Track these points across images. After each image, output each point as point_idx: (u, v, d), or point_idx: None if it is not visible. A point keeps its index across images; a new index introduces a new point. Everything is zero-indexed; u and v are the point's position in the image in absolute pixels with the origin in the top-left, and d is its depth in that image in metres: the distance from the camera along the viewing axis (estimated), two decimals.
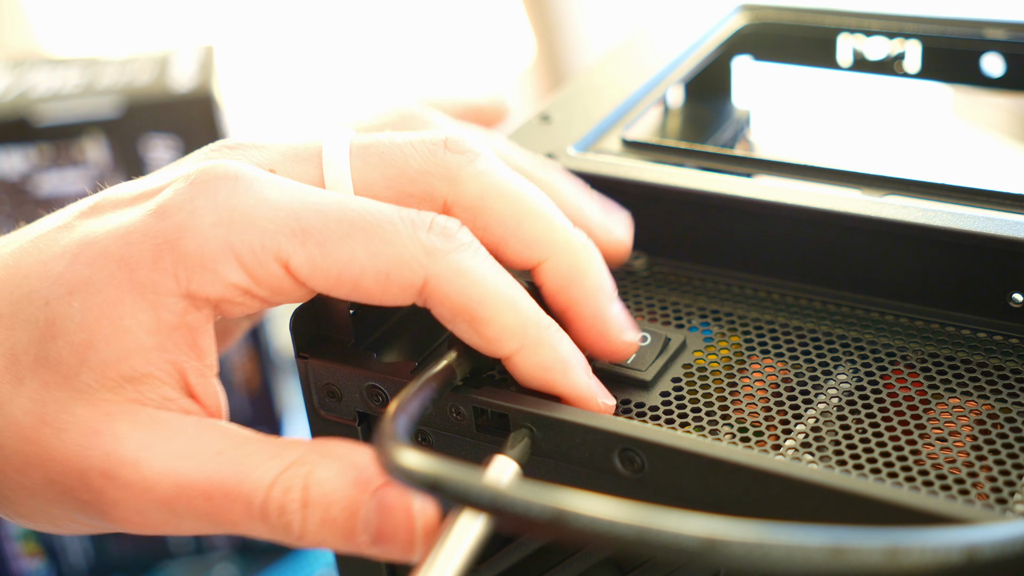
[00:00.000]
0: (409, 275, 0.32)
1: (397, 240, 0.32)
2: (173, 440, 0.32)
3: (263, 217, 0.32)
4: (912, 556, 0.25)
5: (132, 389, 0.32)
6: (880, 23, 0.50)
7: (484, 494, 0.27)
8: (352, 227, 0.31)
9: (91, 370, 0.32)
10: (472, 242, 0.32)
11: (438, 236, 0.32)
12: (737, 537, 0.25)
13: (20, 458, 0.33)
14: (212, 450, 0.32)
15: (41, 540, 0.80)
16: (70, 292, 0.32)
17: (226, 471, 0.32)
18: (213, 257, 0.31)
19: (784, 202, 0.38)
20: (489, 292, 0.32)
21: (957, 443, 0.32)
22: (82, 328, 0.32)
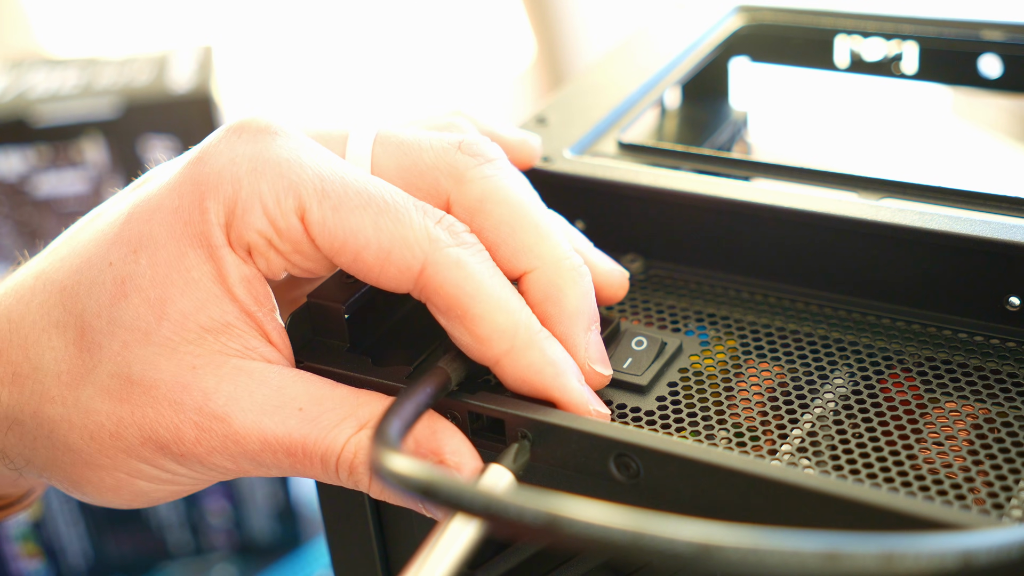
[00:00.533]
0: (409, 257, 0.32)
1: (406, 222, 0.33)
2: (258, 393, 0.33)
3: (292, 171, 0.33)
4: (907, 562, 0.25)
5: (213, 339, 0.33)
6: (877, 24, 0.50)
7: (477, 499, 0.27)
8: (368, 200, 0.33)
9: (171, 323, 0.33)
10: (476, 243, 0.33)
11: (445, 230, 0.33)
12: (731, 542, 0.25)
13: (114, 420, 0.33)
14: (295, 405, 0.33)
15: (41, 540, 0.80)
16: (134, 250, 0.33)
17: (306, 429, 0.33)
18: (245, 203, 0.33)
19: (780, 205, 0.38)
20: (484, 289, 0.33)
21: (954, 448, 0.32)
22: (154, 284, 0.33)
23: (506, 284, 0.33)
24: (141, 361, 0.33)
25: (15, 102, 0.72)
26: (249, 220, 0.33)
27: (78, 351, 0.34)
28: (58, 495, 0.79)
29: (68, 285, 0.34)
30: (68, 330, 0.34)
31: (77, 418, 0.34)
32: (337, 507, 0.38)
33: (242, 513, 0.82)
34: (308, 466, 0.33)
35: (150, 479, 0.35)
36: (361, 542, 0.39)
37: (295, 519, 0.83)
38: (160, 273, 0.33)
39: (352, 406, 0.33)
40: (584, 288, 0.34)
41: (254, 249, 0.33)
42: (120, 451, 0.34)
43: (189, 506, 0.81)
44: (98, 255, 0.34)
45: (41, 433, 0.34)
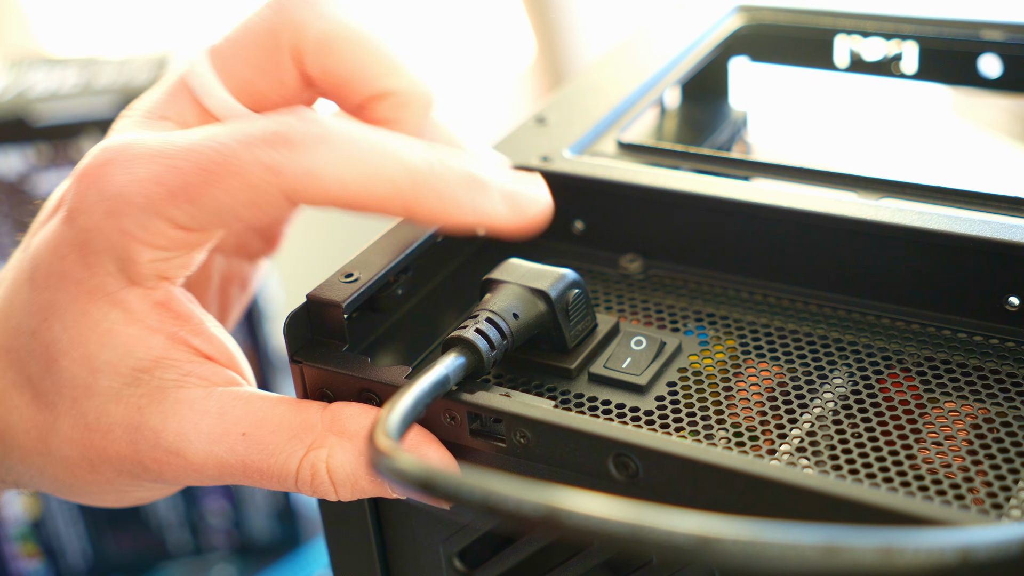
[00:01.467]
0: (268, 197, 0.32)
1: (243, 169, 0.32)
2: (202, 423, 0.34)
3: (137, 194, 0.33)
4: (906, 556, 0.24)
5: (149, 377, 0.34)
6: (877, 24, 0.50)
7: (476, 492, 0.27)
8: (205, 173, 0.32)
9: (105, 375, 0.34)
10: (312, 137, 0.32)
11: (277, 148, 0.32)
12: (731, 535, 0.25)
13: (87, 463, 0.35)
14: (238, 431, 0.34)
15: (40, 540, 0.80)
16: (46, 318, 0.34)
17: (254, 455, 0.34)
18: (121, 247, 0.33)
19: (780, 205, 0.38)
20: (346, 181, 0.32)
21: (953, 447, 0.32)
22: (74, 345, 0.34)
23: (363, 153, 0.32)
24: (94, 410, 0.34)
25: (15, 101, 0.72)
26: (135, 257, 0.33)
27: (37, 409, 0.35)
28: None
29: (11, 348, 0.35)
30: (24, 391, 0.35)
31: (58, 465, 0.35)
32: (337, 507, 0.38)
33: (242, 513, 0.82)
34: (267, 484, 0.34)
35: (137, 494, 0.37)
36: (360, 542, 0.39)
37: (295, 519, 0.83)
38: (75, 334, 0.34)
39: (293, 426, 0.34)
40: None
41: (160, 272, 0.34)
42: (101, 483, 0.36)
43: (189, 506, 0.81)
44: (22, 323, 0.35)
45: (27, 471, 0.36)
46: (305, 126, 0.32)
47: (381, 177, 0.32)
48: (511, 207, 0.33)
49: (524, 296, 0.36)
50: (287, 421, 0.34)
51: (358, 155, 0.32)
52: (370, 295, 0.36)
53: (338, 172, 0.32)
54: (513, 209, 0.33)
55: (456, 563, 0.37)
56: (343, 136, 0.32)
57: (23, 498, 0.79)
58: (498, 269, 0.37)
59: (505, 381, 0.36)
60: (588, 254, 0.42)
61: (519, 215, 0.33)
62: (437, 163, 0.32)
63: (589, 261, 0.42)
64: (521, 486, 0.27)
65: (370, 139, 0.32)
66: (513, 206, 0.33)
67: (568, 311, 0.36)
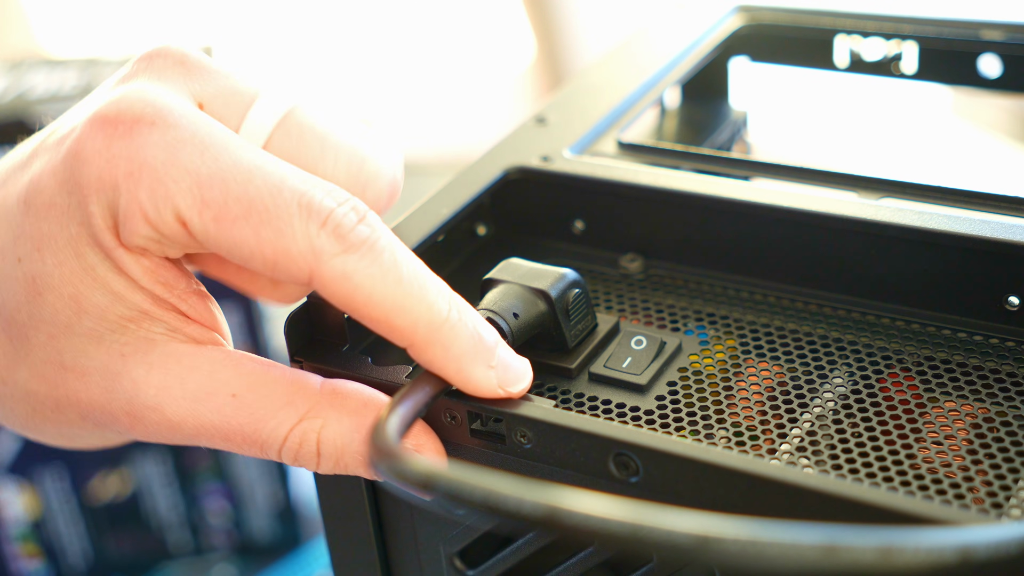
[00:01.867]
0: (295, 270, 0.32)
1: (288, 232, 0.31)
2: (189, 380, 0.33)
3: (170, 177, 0.32)
4: (906, 555, 0.25)
5: (136, 327, 0.33)
6: (877, 24, 0.50)
7: (477, 492, 0.27)
8: (249, 209, 0.31)
9: (90, 317, 0.33)
10: (364, 242, 0.32)
11: (330, 235, 0.31)
12: (731, 534, 0.25)
13: (52, 401, 0.34)
14: (227, 391, 0.33)
15: (40, 540, 0.80)
16: (38, 248, 0.33)
17: (242, 418, 0.33)
18: (126, 211, 0.32)
19: (780, 205, 0.38)
20: (374, 298, 0.32)
21: (953, 447, 0.32)
22: (64, 282, 0.33)
23: (400, 281, 0.32)
24: (71, 349, 0.33)
25: (15, 102, 0.72)
26: (132, 228, 0.32)
27: (8, 340, 0.34)
28: (58, 496, 0.79)
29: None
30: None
31: (20, 398, 0.35)
32: (337, 507, 0.38)
33: (242, 513, 0.82)
34: (246, 450, 0.33)
35: (90, 441, 0.36)
36: (361, 542, 0.39)
37: (295, 519, 0.83)
38: (67, 272, 0.33)
39: (288, 393, 0.33)
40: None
41: (146, 249, 0.33)
42: (63, 423, 0.35)
43: (189, 506, 0.81)
44: (7, 248, 0.34)
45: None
46: (362, 226, 0.32)
47: (405, 310, 0.32)
48: (499, 381, 0.33)
49: (524, 296, 0.36)
50: (282, 387, 0.33)
51: (395, 282, 0.32)
52: None
53: (372, 290, 0.31)
54: (500, 382, 0.33)
55: (456, 563, 0.38)
56: (390, 255, 0.32)
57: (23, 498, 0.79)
58: (498, 269, 0.37)
59: None
60: (588, 254, 0.42)
61: (501, 390, 0.33)
62: (455, 317, 0.32)
63: (589, 261, 0.42)
64: (521, 485, 0.27)
65: (410, 268, 0.32)
66: (501, 379, 0.33)
67: (568, 311, 0.36)
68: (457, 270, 0.41)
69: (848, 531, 0.25)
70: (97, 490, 0.80)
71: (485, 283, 0.37)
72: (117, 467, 0.80)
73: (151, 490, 0.81)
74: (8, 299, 0.34)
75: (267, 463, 0.81)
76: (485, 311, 0.35)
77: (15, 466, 0.78)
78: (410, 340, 0.32)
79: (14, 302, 0.34)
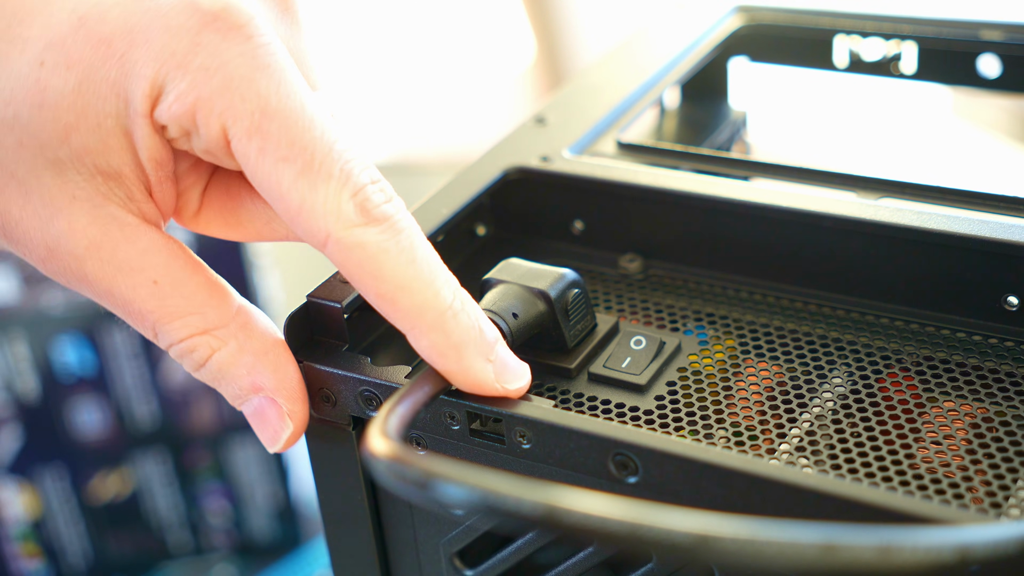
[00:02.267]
0: (314, 227, 0.32)
1: (322, 190, 0.32)
2: (121, 250, 0.33)
3: (239, 92, 0.31)
4: (905, 554, 0.25)
5: (103, 182, 0.33)
6: (876, 24, 0.50)
7: (476, 492, 0.27)
8: (297, 155, 0.32)
9: (69, 150, 0.32)
10: (387, 219, 0.32)
11: (358, 206, 0.32)
12: (729, 533, 0.25)
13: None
14: (151, 276, 0.33)
15: (41, 540, 0.80)
16: (68, 67, 0.32)
17: (152, 304, 0.33)
18: (178, 98, 0.31)
19: (779, 205, 0.38)
20: (384, 273, 0.32)
21: (952, 447, 0.32)
22: (70, 109, 0.32)
23: (412, 262, 0.32)
24: (30, 166, 0.32)
25: None
26: (174, 114, 0.32)
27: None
28: (58, 496, 0.79)
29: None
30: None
31: None
32: (337, 507, 0.39)
33: (242, 513, 0.82)
34: (138, 328, 0.34)
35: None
36: (361, 542, 0.39)
37: (295, 519, 0.83)
38: (80, 102, 0.32)
39: (204, 302, 0.33)
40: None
41: (170, 135, 0.33)
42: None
43: (189, 506, 0.82)
44: (37, 43, 0.32)
45: None
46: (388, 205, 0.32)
47: (412, 291, 0.32)
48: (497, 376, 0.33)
49: (524, 296, 0.36)
50: (202, 294, 0.34)
51: (408, 262, 0.32)
52: None
53: (383, 264, 0.32)
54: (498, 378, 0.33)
55: (456, 562, 0.38)
56: (407, 237, 0.32)
57: (23, 498, 0.79)
58: (498, 269, 0.37)
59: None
60: (588, 254, 0.42)
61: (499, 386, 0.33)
62: (459, 306, 0.33)
63: (588, 261, 0.42)
64: (520, 485, 0.27)
65: (424, 253, 0.33)
66: (499, 375, 0.33)
67: (568, 311, 0.36)
68: (457, 270, 0.41)
69: (847, 530, 0.25)
70: (97, 490, 0.80)
71: (484, 283, 0.37)
72: (117, 467, 0.80)
73: (151, 490, 0.81)
74: (3, 88, 0.32)
75: (268, 463, 0.81)
76: (484, 311, 0.35)
77: (15, 466, 0.78)
78: (412, 323, 0.32)
79: (8, 93, 0.32)
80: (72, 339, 0.77)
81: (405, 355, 0.37)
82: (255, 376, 0.34)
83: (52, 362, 0.77)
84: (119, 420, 0.79)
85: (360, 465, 0.37)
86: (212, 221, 0.37)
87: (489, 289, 0.36)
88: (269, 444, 0.35)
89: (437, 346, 0.32)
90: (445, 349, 0.32)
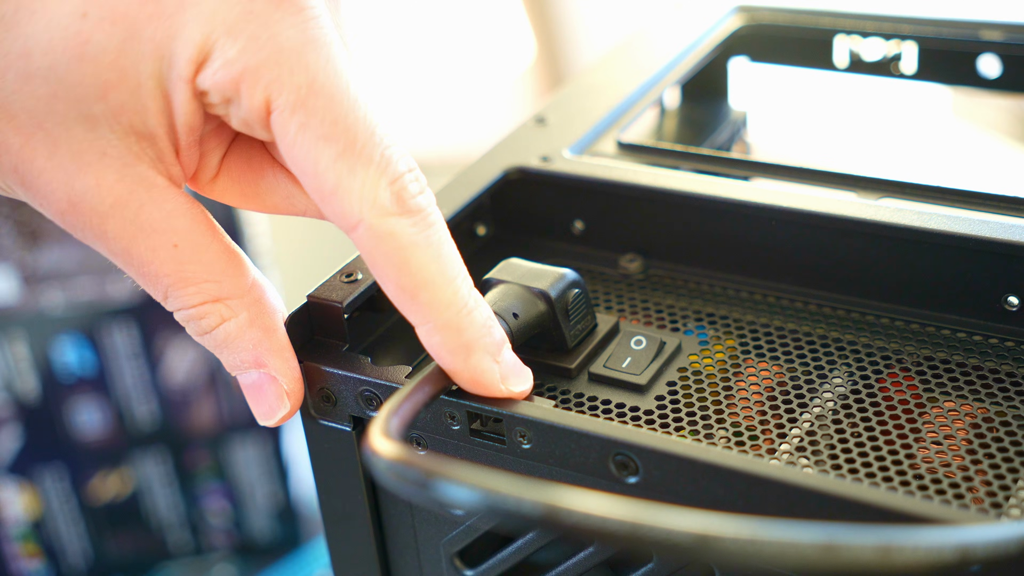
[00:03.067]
0: (346, 210, 0.32)
1: (360, 174, 0.31)
2: (144, 211, 0.32)
3: (288, 64, 0.31)
4: (905, 554, 0.25)
5: (135, 142, 0.32)
6: (876, 24, 0.50)
7: (476, 491, 0.27)
8: (339, 135, 0.31)
9: (107, 107, 0.31)
10: (420, 211, 0.32)
11: (394, 194, 0.32)
12: (730, 532, 0.25)
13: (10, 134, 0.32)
14: (172, 239, 0.33)
15: (41, 540, 0.80)
16: (114, 22, 0.31)
17: (169, 267, 0.33)
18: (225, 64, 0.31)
19: (780, 205, 0.38)
20: (410, 265, 0.32)
21: (952, 447, 0.32)
22: (111, 66, 0.31)
23: (438, 258, 0.32)
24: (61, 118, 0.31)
25: None
26: (217, 81, 0.31)
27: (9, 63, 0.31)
28: (58, 496, 0.79)
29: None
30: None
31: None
32: (337, 507, 0.39)
33: (242, 513, 0.82)
34: (151, 290, 0.33)
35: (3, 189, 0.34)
36: (361, 542, 0.39)
37: (295, 519, 0.83)
38: (122, 60, 0.31)
39: (221, 271, 0.33)
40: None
41: (208, 101, 0.32)
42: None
43: (189, 506, 0.82)
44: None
45: None
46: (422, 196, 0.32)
47: (434, 286, 0.32)
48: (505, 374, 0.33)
49: (524, 296, 0.36)
50: (220, 262, 0.33)
51: (434, 257, 0.32)
52: (370, 295, 0.37)
53: (410, 256, 0.32)
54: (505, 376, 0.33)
55: (456, 562, 0.38)
56: (436, 232, 0.32)
57: (23, 498, 0.79)
58: (498, 269, 0.37)
59: None
60: (588, 254, 0.42)
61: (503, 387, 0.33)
62: (473, 306, 0.33)
63: (589, 261, 0.42)
64: (521, 484, 0.27)
65: (449, 249, 0.32)
66: (504, 376, 0.33)
67: (568, 311, 0.36)
68: None
69: (848, 530, 0.25)
70: (97, 490, 0.80)
71: (485, 283, 0.37)
72: (117, 467, 0.80)
73: (151, 490, 0.81)
74: (41, 37, 0.31)
75: (267, 463, 0.81)
76: None
77: (15, 466, 0.78)
78: (428, 318, 0.32)
79: (46, 43, 0.31)
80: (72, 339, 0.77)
81: (405, 355, 0.37)
82: (259, 352, 0.34)
83: (52, 362, 0.77)
84: (119, 420, 0.79)
85: (360, 465, 0.37)
86: (228, 189, 0.36)
87: (489, 289, 0.36)
88: (263, 419, 0.35)
89: (448, 343, 0.32)
90: (455, 347, 0.32)
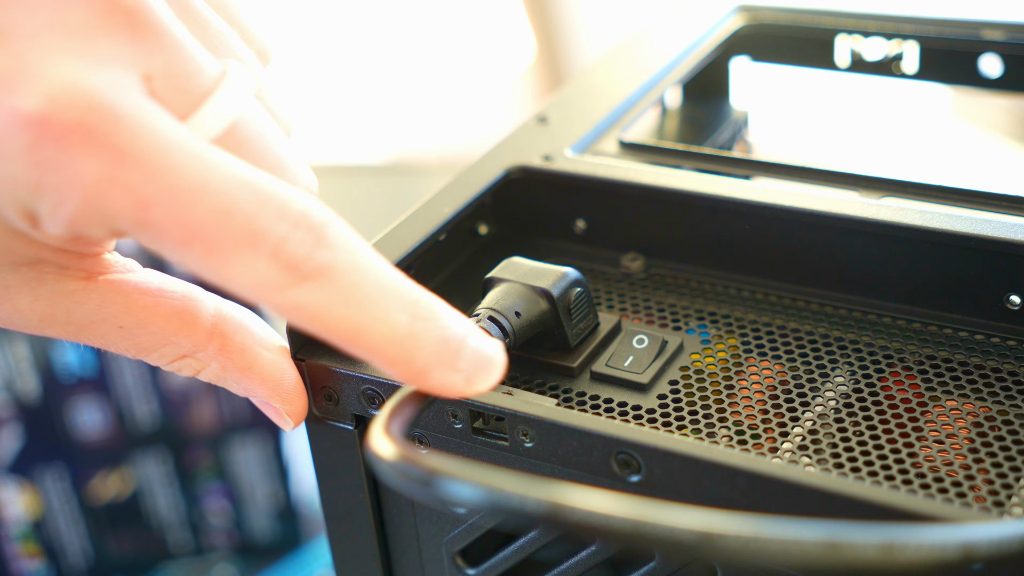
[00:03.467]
0: (244, 298, 0.29)
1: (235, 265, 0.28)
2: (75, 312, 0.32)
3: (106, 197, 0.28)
4: (908, 552, 0.25)
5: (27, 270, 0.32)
6: (878, 24, 0.50)
7: (479, 489, 0.27)
8: (193, 237, 0.28)
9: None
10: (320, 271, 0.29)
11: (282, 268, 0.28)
12: (733, 530, 0.25)
13: None
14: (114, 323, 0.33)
15: (41, 540, 0.80)
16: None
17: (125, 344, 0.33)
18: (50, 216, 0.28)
19: (781, 204, 0.38)
20: (329, 325, 0.29)
21: (955, 446, 0.32)
22: None
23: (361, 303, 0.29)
24: None
25: None
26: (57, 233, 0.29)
27: None
28: (58, 496, 0.79)
29: None
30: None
31: None
32: (338, 506, 0.39)
33: (242, 513, 0.82)
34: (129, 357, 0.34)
35: None
36: (362, 541, 0.39)
37: (295, 519, 0.83)
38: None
39: (173, 333, 0.33)
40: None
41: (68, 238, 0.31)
42: None
43: (189, 506, 0.81)
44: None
45: None
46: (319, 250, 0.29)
47: (364, 332, 0.29)
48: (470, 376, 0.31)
49: (526, 295, 0.36)
50: (171, 325, 0.33)
51: (354, 304, 0.29)
52: None
53: (326, 318, 0.29)
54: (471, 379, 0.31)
55: (458, 561, 0.38)
56: (347, 279, 0.29)
57: (24, 498, 0.79)
58: (500, 268, 0.37)
59: (507, 379, 0.36)
60: (590, 253, 0.42)
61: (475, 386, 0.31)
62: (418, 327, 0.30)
63: (591, 260, 0.42)
64: (524, 482, 0.27)
65: (370, 286, 0.29)
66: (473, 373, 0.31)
67: (570, 310, 0.36)
68: (458, 269, 0.41)
69: (850, 528, 0.25)
70: (97, 490, 0.80)
71: (487, 282, 0.37)
72: (117, 467, 0.80)
73: (151, 490, 0.81)
74: None
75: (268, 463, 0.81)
76: (487, 310, 0.35)
77: (15, 466, 0.78)
78: (373, 358, 0.30)
79: None
80: None
81: None
82: (244, 388, 0.34)
83: (52, 362, 0.77)
84: (119, 420, 0.79)
85: (363, 463, 0.37)
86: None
87: (491, 288, 0.36)
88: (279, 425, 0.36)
89: (402, 375, 0.31)
90: (411, 376, 0.31)
